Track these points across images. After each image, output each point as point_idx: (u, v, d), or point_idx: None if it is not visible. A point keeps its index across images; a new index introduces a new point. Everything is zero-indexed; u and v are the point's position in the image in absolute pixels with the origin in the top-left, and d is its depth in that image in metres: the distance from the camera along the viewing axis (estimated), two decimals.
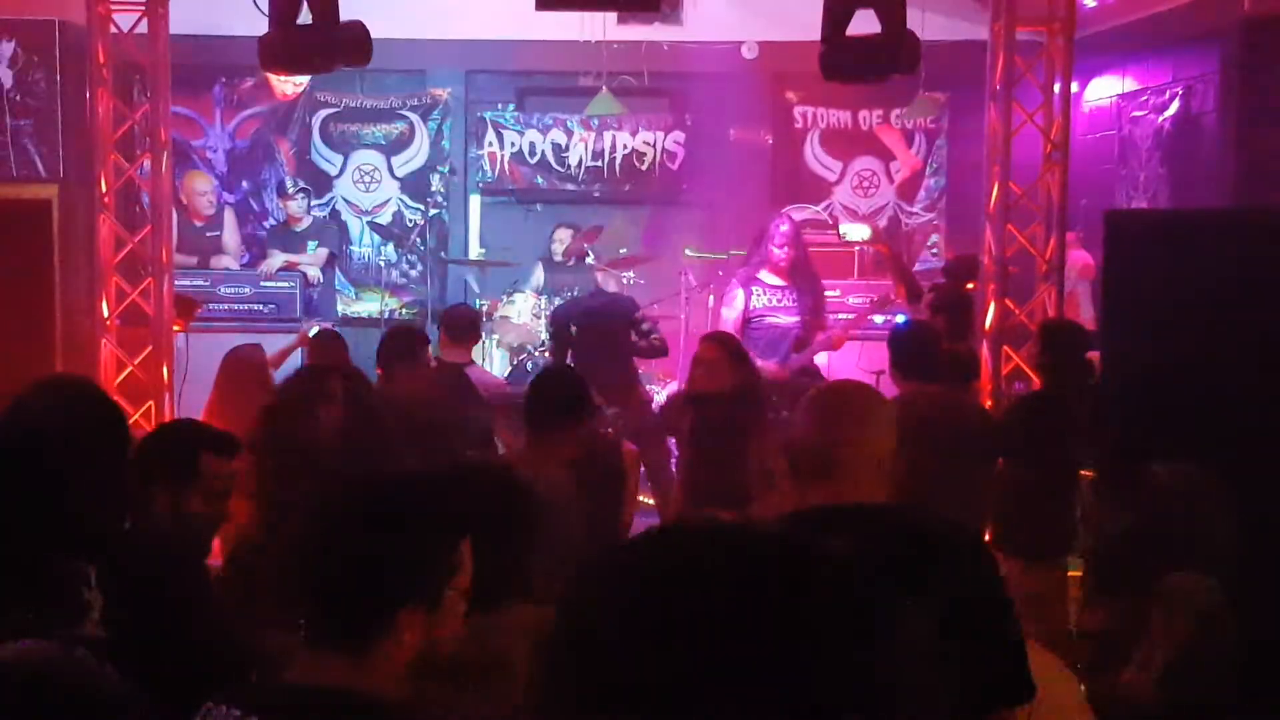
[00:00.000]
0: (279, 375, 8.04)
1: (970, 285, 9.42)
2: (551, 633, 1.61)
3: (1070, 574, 7.11)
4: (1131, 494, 5.81)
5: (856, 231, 11.73)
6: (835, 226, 12.12)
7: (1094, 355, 7.87)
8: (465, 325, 8.20)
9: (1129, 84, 11.31)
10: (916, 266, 11.93)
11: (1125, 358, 7.43)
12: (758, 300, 9.58)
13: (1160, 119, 10.75)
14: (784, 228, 9.68)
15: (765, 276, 9.62)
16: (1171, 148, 10.64)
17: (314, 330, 8.93)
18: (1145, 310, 7.48)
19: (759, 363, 8.08)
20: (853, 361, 9.94)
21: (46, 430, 3.21)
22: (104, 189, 8.51)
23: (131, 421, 8.06)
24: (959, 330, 8.60)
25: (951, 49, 9.88)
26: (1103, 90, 11.53)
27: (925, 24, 8.79)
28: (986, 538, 6.66)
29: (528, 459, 5.65)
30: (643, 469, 7.52)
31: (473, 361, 8.19)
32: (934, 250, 12.18)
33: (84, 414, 3.37)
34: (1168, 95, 10.68)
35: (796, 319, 9.52)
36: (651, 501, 8.48)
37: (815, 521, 3.12)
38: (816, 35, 8.66)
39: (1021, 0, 8.90)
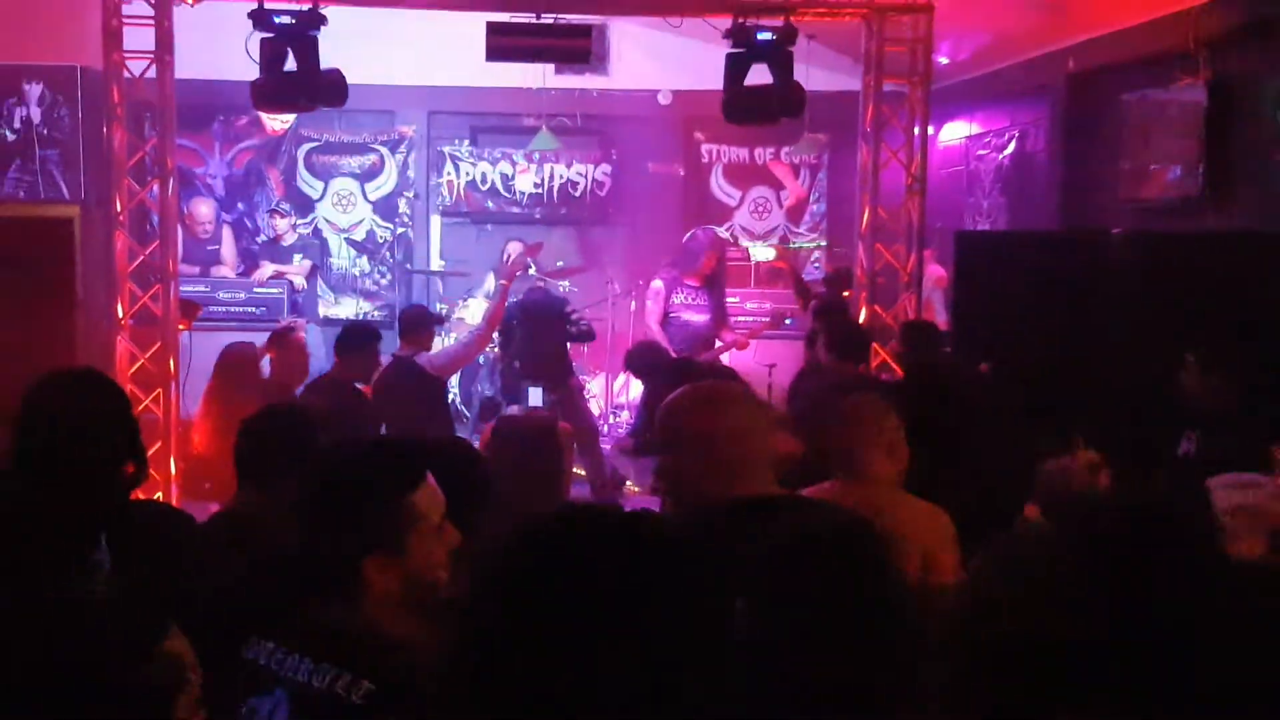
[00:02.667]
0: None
1: (846, 293, 9.46)
2: (478, 573, 1.60)
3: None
4: None
5: (763, 252, 11.93)
6: (737, 244, 12.13)
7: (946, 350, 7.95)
8: (414, 323, 8.07)
9: (974, 128, 11.34)
10: (805, 273, 11.84)
11: (971, 351, 7.50)
12: (677, 299, 9.60)
13: (1000, 157, 10.81)
14: (711, 240, 9.80)
15: (686, 280, 9.65)
16: (1009, 180, 10.71)
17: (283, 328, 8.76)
18: (987, 312, 7.70)
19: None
20: (750, 357, 9.92)
21: (61, 412, 3.08)
22: (119, 209, 8.41)
23: (143, 406, 8.02)
24: (849, 333, 8.55)
25: (830, 98, 9.84)
26: (953, 133, 11.55)
27: (809, 77, 8.82)
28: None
29: None
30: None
31: (424, 351, 7.93)
32: (816, 264, 12.14)
33: (92, 398, 3.15)
34: (1006, 138, 10.75)
35: (706, 318, 9.56)
36: (583, 472, 8.43)
37: (736, 510, 2.87)
38: (720, 85, 8.80)
39: (887, 58, 8.93)
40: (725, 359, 9.46)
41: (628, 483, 8.69)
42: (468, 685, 1.48)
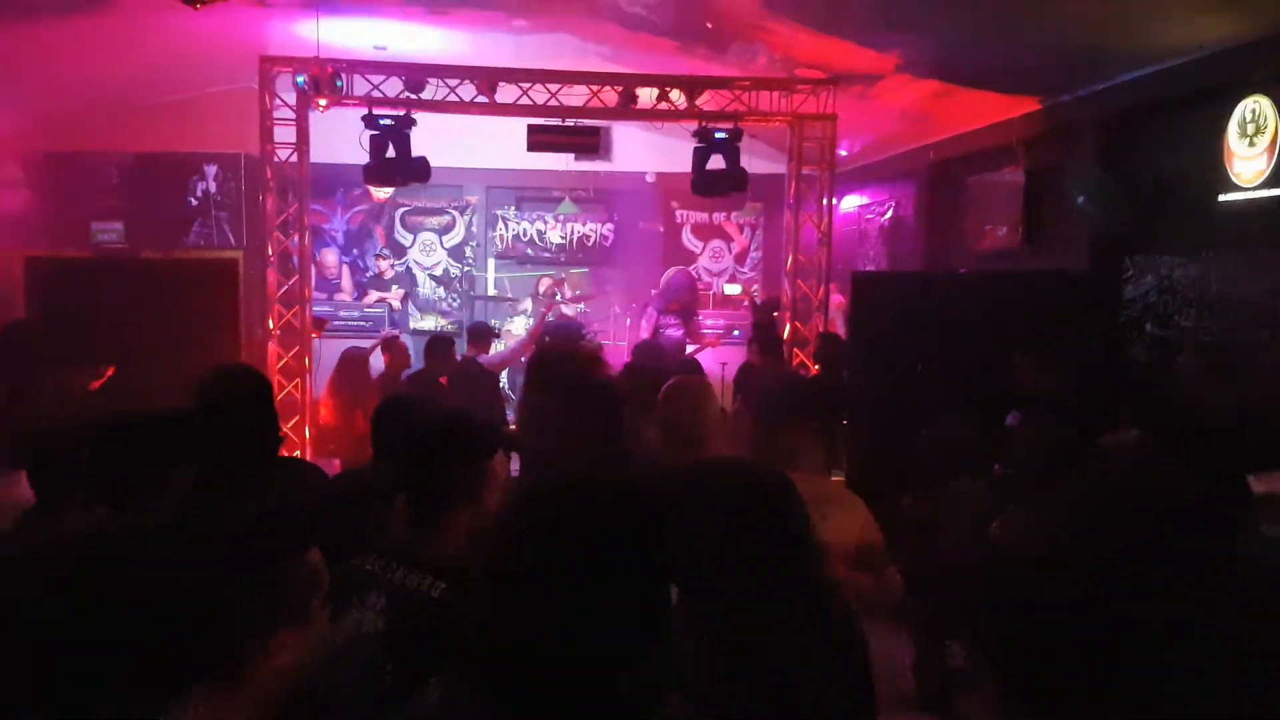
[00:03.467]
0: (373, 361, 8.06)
1: (776, 314, 9.43)
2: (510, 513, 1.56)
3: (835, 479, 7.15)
4: None
5: (732, 288, 12.12)
6: (702, 279, 12.17)
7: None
8: (478, 334, 8.05)
9: (864, 199, 11.35)
10: (745, 304, 12.11)
11: (863, 357, 7.51)
12: (663, 322, 9.86)
13: (882, 219, 10.83)
14: (688, 284, 10.08)
15: (669, 308, 9.90)
16: (888, 236, 10.72)
17: (389, 336, 8.86)
18: (875, 329, 7.57)
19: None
20: (709, 357, 9.78)
21: (227, 392, 3.08)
22: (270, 254, 8.40)
23: (285, 392, 8.09)
24: (774, 338, 8.63)
25: (765, 178, 9.70)
26: (850, 203, 11.52)
27: (751, 164, 8.85)
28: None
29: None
30: None
31: (485, 353, 7.89)
32: (755, 294, 11.93)
33: (245, 385, 3.13)
34: (886, 206, 10.76)
35: (682, 332, 9.69)
36: None
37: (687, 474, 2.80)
38: (689, 168, 8.82)
39: (804, 151, 8.93)
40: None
41: None
42: (501, 588, 1.48)
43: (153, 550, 1.53)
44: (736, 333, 10.24)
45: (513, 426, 6.85)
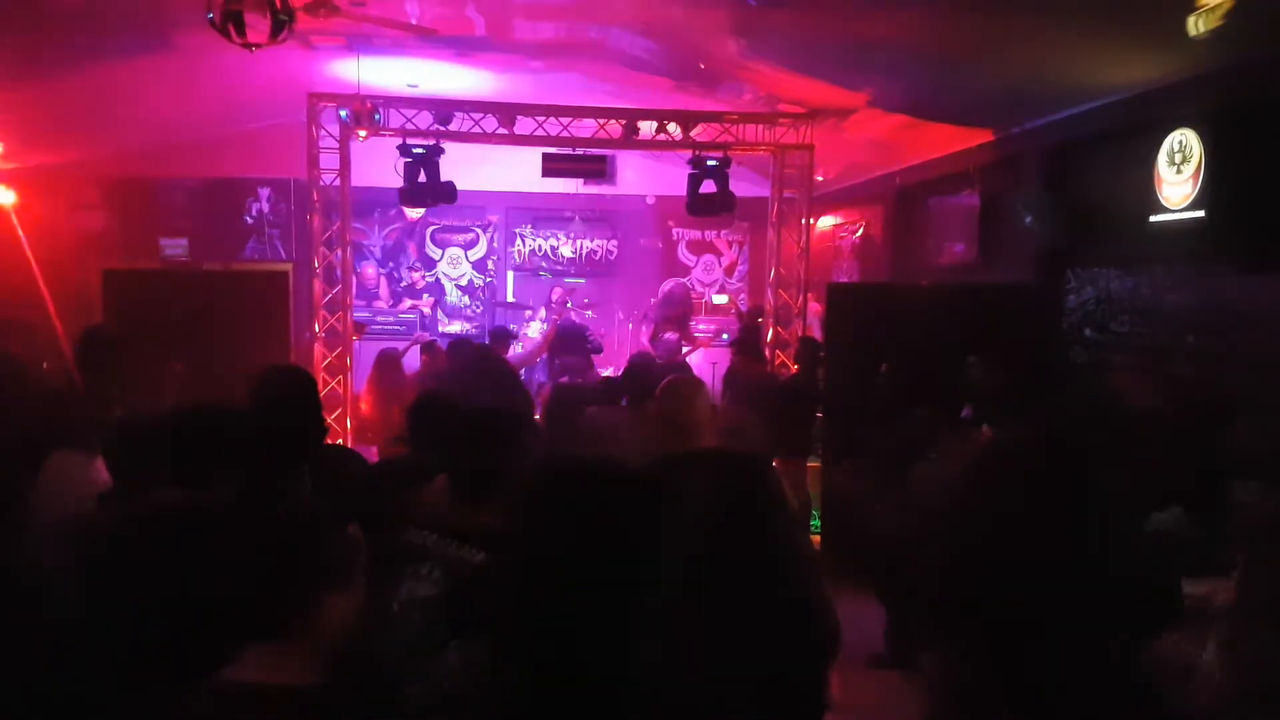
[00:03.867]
0: (406, 360, 8.01)
1: (760, 320, 9.40)
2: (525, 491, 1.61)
3: (810, 465, 7.13)
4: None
5: (720, 298, 12.08)
6: (695, 289, 12.18)
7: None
8: (499, 337, 8.08)
9: (839, 219, 11.32)
10: (733, 311, 12.10)
11: (837, 358, 7.44)
12: (662, 326, 9.92)
13: (854, 237, 10.82)
14: (680, 293, 10.15)
15: (667, 318, 10.11)
16: (859, 252, 10.72)
17: (424, 340, 8.86)
18: (847, 335, 7.47)
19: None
20: (700, 358, 9.88)
21: (277, 388, 3.07)
22: (316, 266, 8.42)
23: (329, 388, 8.11)
24: (755, 343, 8.68)
25: (751, 200, 9.72)
26: (826, 222, 11.32)
27: (738, 188, 8.85)
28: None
29: None
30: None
31: (505, 352, 7.91)
32: (741, 302, 11.84)
33: (295, 381, 3.12)
34: (858, 226, 10.75)
35: (677, 337, 9.49)
36: None
37: (678, 458, 2.80)
38: (684, 192, 8.84)
39: (786, 177, 8.97)
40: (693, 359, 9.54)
41: None
42: (519, 548, 1.51)
43: (222, 523, 1.56)
44: (725, 336, 10.23)
45: (537, 417, 6.86)
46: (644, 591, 1.48)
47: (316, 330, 8.42)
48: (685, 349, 9.70)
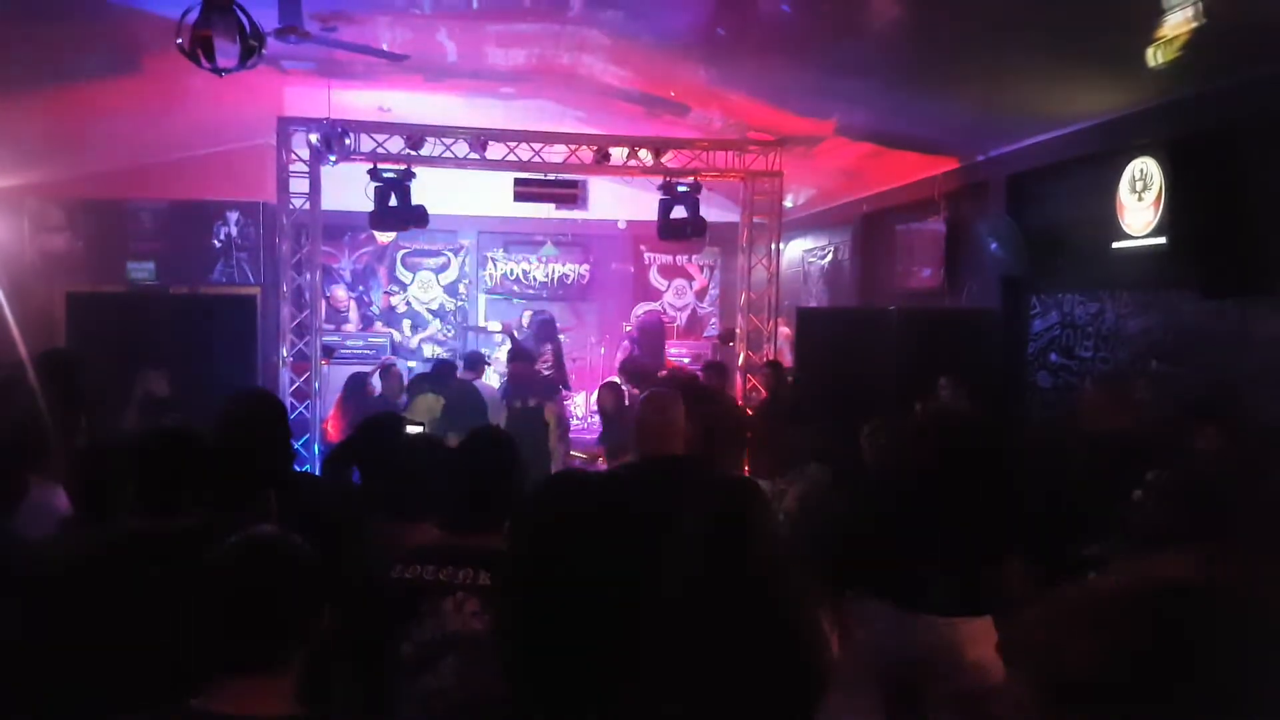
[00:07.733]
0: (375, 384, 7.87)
1: (731, 343, 9.42)
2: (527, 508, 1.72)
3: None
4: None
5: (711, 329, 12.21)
6: (666, 312, 12.19)
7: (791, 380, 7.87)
8: (474, 361, 7.96)
9: (808, 244, 11.35)
10: (705, 333, 12.16)
11: (806, 380, 7.57)
12: (637, 352, 10.12)
13: (823, 262, 10.86)
14: (654, 322, 10.33)
15: (642, 344, 10.36)
16: (828, 277, 10.76)
17: (388, 364, 8.68)
18: (817, 356, 7.71)
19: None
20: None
21: (245, 412, 2.93)
22: (284, 290, 8.31)
23: (297, 412, 8.01)
24: (723, 367, 8.63)
25: (722, 226, 9.79)
26: (796, 247, 11.54)
27: (709, 213, 8.92)
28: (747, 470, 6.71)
29: None
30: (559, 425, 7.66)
31: (480, 378, 7.81)
32: (714, 325, 12.04)
33: (262, 406, 2.99)
34: (826, 251, 10.78)
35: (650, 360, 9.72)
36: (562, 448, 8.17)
37: (653, 467, 3.05)
38: (656, 217, 8.88)
39: (755, 203, 8.98)
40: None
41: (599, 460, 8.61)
42: (524, 567, 1.61)
43: (183, 550, 1.51)
44: (688, 359, 10.34)
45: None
46: (640, 610, 1.55)
47: (284, 354, 8.33)
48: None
